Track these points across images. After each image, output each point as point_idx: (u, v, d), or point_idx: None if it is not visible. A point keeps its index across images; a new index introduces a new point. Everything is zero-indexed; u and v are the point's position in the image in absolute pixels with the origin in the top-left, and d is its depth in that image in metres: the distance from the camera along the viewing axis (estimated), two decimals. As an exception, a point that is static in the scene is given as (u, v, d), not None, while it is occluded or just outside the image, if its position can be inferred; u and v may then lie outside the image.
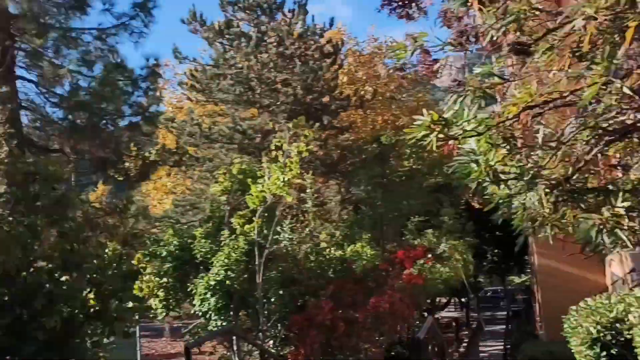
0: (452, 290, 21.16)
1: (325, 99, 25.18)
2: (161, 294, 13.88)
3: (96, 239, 7.29)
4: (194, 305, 13.48)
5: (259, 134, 24.36)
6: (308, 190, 15.39)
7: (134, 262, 7.94)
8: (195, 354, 24.99)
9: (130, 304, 7.56)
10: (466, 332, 29.14)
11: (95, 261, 7.21)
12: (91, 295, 7.24)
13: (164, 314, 14.09)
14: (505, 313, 30.83)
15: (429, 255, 15.51)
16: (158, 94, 19.89)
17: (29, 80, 17.15)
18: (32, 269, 6.97)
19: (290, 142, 13.22)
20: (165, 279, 13.88)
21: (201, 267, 14.00)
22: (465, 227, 22.16)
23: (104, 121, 18.24)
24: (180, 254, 14.17)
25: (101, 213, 16.04)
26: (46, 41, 16.32)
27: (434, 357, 13.81)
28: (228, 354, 16.85)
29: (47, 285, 6.74)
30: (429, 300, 18.26)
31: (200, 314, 13.42)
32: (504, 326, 27.25)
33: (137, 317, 7.94)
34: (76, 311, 7.05)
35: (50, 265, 7.04)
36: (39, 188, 7.01)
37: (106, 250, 7.54)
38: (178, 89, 30.45)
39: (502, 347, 21.86)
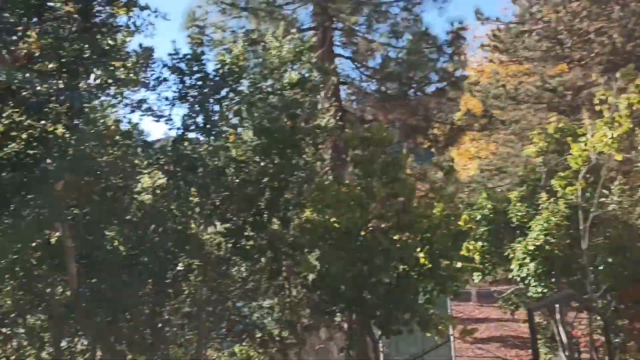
0: None
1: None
2: (477, 257, 13.80)
3: (425, 200, 7.41)
4: (511, 270, 13.09)
5: (571, 90, 22.44)
6: (640, 147, 13.57)
7: (461, 223, 7.91)
8: (507, 320, 24.57)
9: (460, 264, 7.58)
10: None
11: (425, 221, 7.38)
12: (423, 254, 7.45)
13: (480, 277, 13.99)
14: None
15: None
16: (462, 58, 19.71)
17: (345, 57, 18.54)
18: (370, 228, 7.44)
19: (617, 94, 11.78)
20: (480, 243, 13.75)
21: (517, 232, 13.50)
22: None
23: (412, 89, 18.80)
24: (494, 217, 13.86)
25: (412, 179, 16.64)
26: (359, 18, 17.36)
27: None
28: (546, 322, 16.08)
29: (384, 243, 7.12)
30: None
31: (519, 279, 12.98)
32: None
33: (466, 277, 8.00)
34: (410, 269, 7.33)
35: (385, 225, 7.43)
36: (372, 152, 7.41)
37: (434, 211, 7.66)
38: (478, 52, 29.76)
39: None
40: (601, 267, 12.11)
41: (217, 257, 8.03)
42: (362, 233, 7.43)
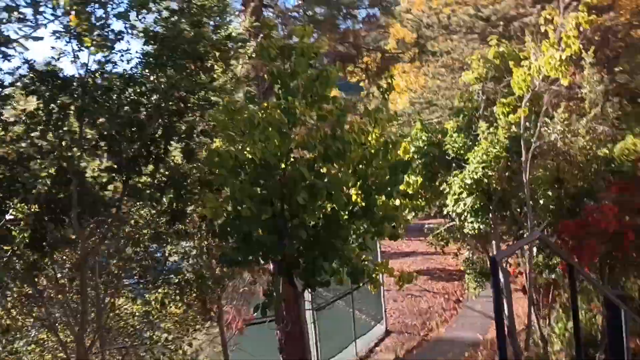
0: None
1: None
2: (410, 192, 12.63)
3: (358, 123, 5.88)
4: (446, 205, 12.03)
5: (503, 21, 21.30)
6: (586, 72, 12.56)
7: (400, 152, 6.48)
8: (434, 253, 24.14)
9: (399, 202, 6.20)
10: None
11: (358, 150, 5.90)
12: (355, 191, 6.00)
13: (413, 214, 12.89)
14: None
15: None
16: (395, -19, 18.03)
17: (269, -25, 16.44)
18: (291, 159, 5.89)
19: (564, 14, 10.55)
20: (413, 177, 12.54)
21: (453, 165, 12.38)
22: None
23: (341, 14, 17.02)
24: (429, 149, 12.66)
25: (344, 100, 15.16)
26: None
27: None
28: (475, 257, 15.36)
29: (308, 177, 5.60)
30: None
31: (454, 215, 11.95)
32: None
33: (407, 216, 6.72)
34: (340, 208, 5.88)
35: (310, 155, 5.90)
36: (295, 64, 5.78)
37: (369, 138, 6.19)
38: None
39: None
40: (541, 202, 11.17)
41: (103, 198, 6.33)
42: (282, 165, 5.85)
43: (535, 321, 12.12)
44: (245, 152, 5.92)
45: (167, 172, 6.77)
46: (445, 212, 12.30)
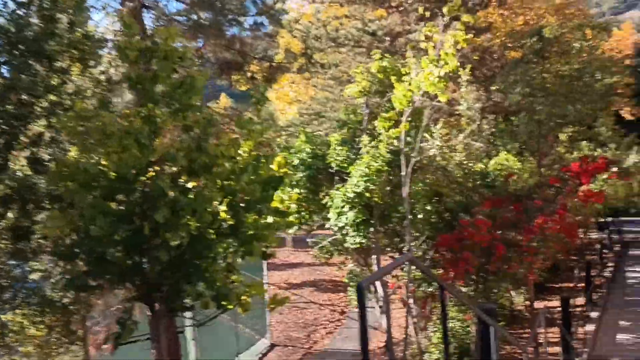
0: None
1: (464, -6, 21.83)
2: (293, 205, 12.32)
3: (228, 136, 5.43)
4: (328, 219, 11.83)
5: (389, 36, 21.76)
6: (463, 89, 12.88)
7: (274, 166, 6.09)
8: (321, 265, 24.11)
9: (271, 219, 5.81)
10: (609, 255, 26.01)
11: (227, 164, 5.45)
12: (224, 207, 5.54)
13: (296, 227, 12.58)
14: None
15: (614, 169, 12.75)
16: (283, -11, 17.77)
17: (148, -27, 15.58)
18: (152, 172, 5.33)
19: (443, 31, 10.71)
20: (297, 190, 12.25)
21: (336, 178, 12.22)
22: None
23: (228, 20, 16.49)
24: (313, 162, 12.41)
25: (227, 120, 14.61)
26: None
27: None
28: (360, 270, 15.32)
29: (171, 192, 5.08)
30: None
31: (336, 228, 11.76)
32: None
33: (279, 234, 6.31)
34: (206, 226, 5.39)
35: (173, 168, 5.37)
36: (158, 69, 5.24)
37: (240, 152, 5.76)
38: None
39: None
40: (420, 216, 11.25)
41: None
42: (142, 179, 5.27)
43: (414, 332, 12.21)
44: (100, 164, 5.27)
45: (11, 184, 5.95)
46: (327, 226, 12.10)
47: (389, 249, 12.61)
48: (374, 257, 12.08)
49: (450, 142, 11.58)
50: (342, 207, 11.27)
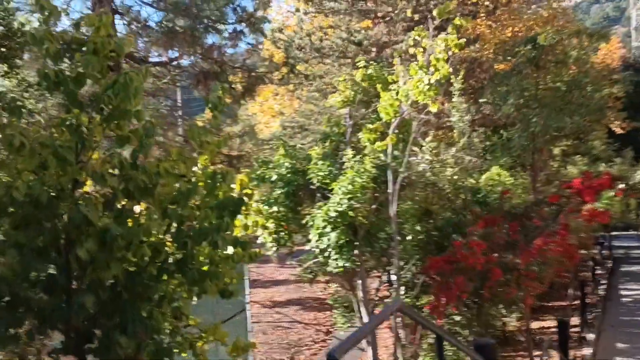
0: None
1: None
2: (271, 225, 11.17)
3: (177, 150, 4.31)
4: (309, 240, 10.69)
5: (375, 46, 20.82)
6: (455, 99, 11.85)
7: (236, 186, 4.98)
8: (306, 282, 22.98)
9: (231, 250, 4.69)
10: (601, 272, 25.05)
11: (175, 184, 4.34)
12: (170, 238, 4.43)
13: (274, 248, 11.42)
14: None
15: (620, 186, 11.76)
16: (265, -4, 16.78)
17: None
18: (76, 194, 4.21)
19: (433, 36, 9.70)
20: (275, 208, 11.09)
21: (318, 195, 11.10)
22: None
23: (205, 27, 15.44)
24: (292, 177, 11.27)
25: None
26: None
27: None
28: (346, 293, 14.19)
29: (96, 221, 3.96)
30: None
31: (318, 250, 10.63)
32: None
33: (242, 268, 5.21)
34: (146, 262, 4.27)
35: (105, 191, 4.25)
36: (86, 64, 4.13)
37: (194, 169, 4.66)
38: (283, 4, 27.18)
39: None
40: (409, 237, 10.14)
41: None
42: (65, 203, 4.13)
43: (402, 361, 11.09)
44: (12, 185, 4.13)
45: None
46: (309, 247, 10.97)
47: (375, 271, 11.48)
48: (359, 280, 10.95)
49: (441, 156, 10.52)
50: (324, 227, 10.15)
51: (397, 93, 9.56)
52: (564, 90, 13.59)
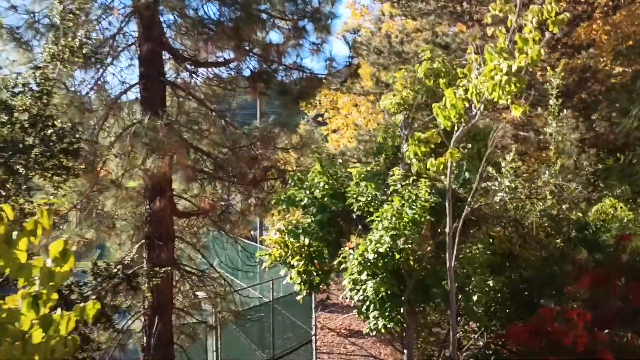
0: None
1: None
2: (299, 263, 8.36)
3: None
4: (344, 288, 7.78)
5: (462, 51, 17.48)
6: (552, 102, 8.42)
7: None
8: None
9: None
10: None
11: None
12: None
13: (304, 292, 8.58)
14: None
15: None
16: (334, -12, 14.07)
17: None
18: None
19: (521, 10, 6.51)
20: (306, 240, 8.26)
21: (360, 227, 8.16)
22: None
23: (262, 23, 12.99)
24: (329, 202, 8.39)
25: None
26: None
27: None
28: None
29: None
30: None
31: (354, 301, 7.67)
32: None
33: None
34: None
35: None
36: None
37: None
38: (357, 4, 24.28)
39: None
40: (475, 297, 6.82)
41: None
42: None
43: None
44: None
45: None
46: (344, 297, 8.05)
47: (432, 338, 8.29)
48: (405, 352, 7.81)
49: (529, 183, 7.23)
50: (360, 272, 7.20)
51: (467, 91, 6.44)
52: None
